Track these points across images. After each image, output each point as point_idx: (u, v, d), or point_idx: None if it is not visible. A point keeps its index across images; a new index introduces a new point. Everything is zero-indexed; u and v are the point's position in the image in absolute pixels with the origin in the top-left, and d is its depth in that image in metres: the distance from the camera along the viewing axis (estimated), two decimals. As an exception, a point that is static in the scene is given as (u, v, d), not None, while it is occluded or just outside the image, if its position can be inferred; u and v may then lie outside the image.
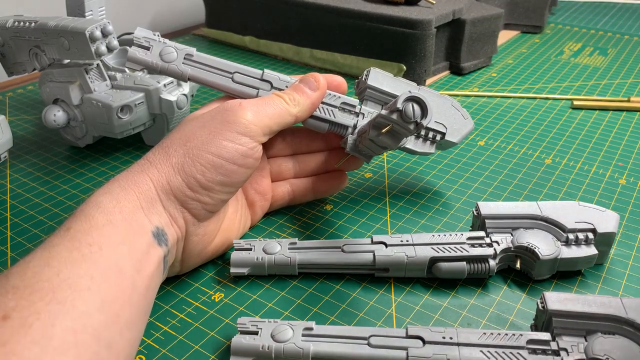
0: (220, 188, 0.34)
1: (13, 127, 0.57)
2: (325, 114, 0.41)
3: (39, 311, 0.24)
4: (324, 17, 0.70)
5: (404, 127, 0.33)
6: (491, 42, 0.72)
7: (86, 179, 0.49)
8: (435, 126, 0.43)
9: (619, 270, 0.39)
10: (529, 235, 0.37)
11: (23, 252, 0.40)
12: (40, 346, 0.23)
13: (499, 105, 0.64)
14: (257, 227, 0.43)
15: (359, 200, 0.46)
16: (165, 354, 0.32)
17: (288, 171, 0.43)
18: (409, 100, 0.32)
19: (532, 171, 0.50)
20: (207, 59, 0.40)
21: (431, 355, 0.29)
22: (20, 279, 0.25)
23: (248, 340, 0.30)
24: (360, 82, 0.42)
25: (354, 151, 0.40)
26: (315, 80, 0.39)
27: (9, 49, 0.50)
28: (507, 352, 0.29)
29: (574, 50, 0.81)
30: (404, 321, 0.35)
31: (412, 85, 0.43)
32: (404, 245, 0.37)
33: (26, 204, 0.46)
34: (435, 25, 0.64)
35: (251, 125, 0.35)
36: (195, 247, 0.35)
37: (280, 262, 0.37)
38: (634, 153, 0.54)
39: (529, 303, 0.36)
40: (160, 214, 0.32)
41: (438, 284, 0.38)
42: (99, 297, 0.26)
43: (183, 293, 0.37)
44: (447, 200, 0.46)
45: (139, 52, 0.40)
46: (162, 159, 0.34)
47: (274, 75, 0.40)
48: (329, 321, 0.35)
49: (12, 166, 0.51)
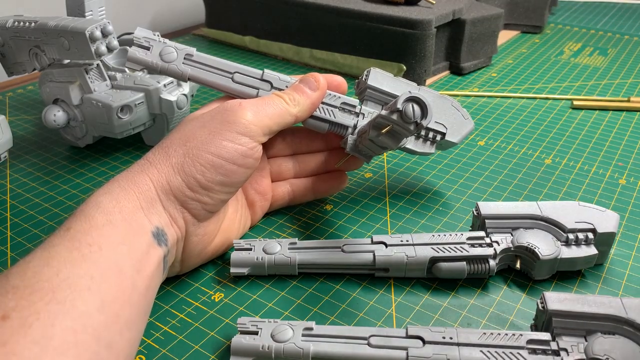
0: (220, 188, 0.34)
1: (13, 127, 0.57)
2: (325, 114, 0.41)
3: (39, 311, 0.24)
4: (324, 17, 0.70)
5: (404, 128, 0.33)
6: (491, 42, 0.72)
7: (86, 179, 0.49)
8: (435, 126, 0.43)
9: (619, 270, 0.39)
10: (529, 235, 0.37)
11: (23, 252, 0.40)
12: (40, 346, 0.23)
13: (499, 105, 0.64)
14: (257, 227, 0.43)
15: (359, 200, 0.46)
16: (165, 354, 0.32)
17: (288, 171, 0.43)
18: (409, 100, 0.32)
19: (532, 171, 0.50)
20: (207, 59, 0.40)
21: (431, 355, 0.29)
22: (20, 279, 0.25)
23: (248, 340, 0.30)
24: (361, 82, 0.42)
25: (354, 151, 0.40)
26: (315, 80, 0.39)
27: (9, 49, 0.50)
28: (507, 352, 0.29)
29: (574, 50, 0.81)
30: (404, 321, 0.35)
31: (412, 86, 0.43)
32: (404, 245, 0.37)
33: (26, 204, 0.46)
34: (435, 25, 0.64)
35: (251, 125, 0.35)
36: (195, 247, 0.35)
37: (280, 262, 0.37)
38: (634, 153, 0.54)
39: (529, 303, 0.36)
40: (160, 214, 0.32)
41: (438, 284, 0.38)
42: (98, 297, 0.26)
43: (183, 293, 0.37)
44: (447, 200, 0.46)
45: (139, 52, 0.40)
46: (162, 159, 0.34)
47: (274, 75, 0.40)
48: (329, 321, 0.35)
49: (12, 166, 0.51)
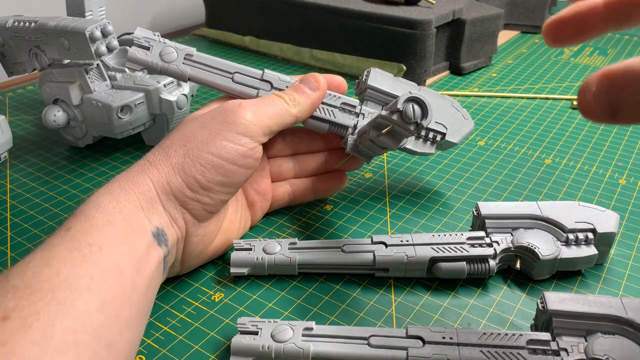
0: (220, 188, 0.34)
1: (13, 127, 0.57)
2: (325, 114, 0.41)
3: (39, 311, 0.24)
4: (324, 17, 0.70)
5: (404, 128, 0.33)
6: (491, 42, 0.72)
7: (86, 179, 0.49)
8: (435, 126, 0.43)
9: (619, 270, 0.39)
10: (529, 235, 0.37)
11: (23, 252, 0.40)
12: (40, 346, 0.23)
13: (499, 105, 0.64)
14: (257, 227, 0.43)
15: (359, 200, 0.46)
16: (165, 354, 0.32)
17: (288, 171, 0.43)
18: (409, 101, 0.32)
19: (532, 171, 0.50)
20: (207, 59, 0.40)
21: (431, 355, 0.29)
22: (20, 279, 0.25)
23: (248, 340, 0.30)
24: (361, 82, 0.42)
25: (354, 151, 0.40)
26: (315, 80, 0.39)
27: (9, 49, 0.50)
28: (507, 352, 0.29)
29: (574, 50, 0.81)
30: (404, 321, 0.35)
31: (412, 86, 0.43)
32: (404, 245, 0.37)
33: (26, 204, 0.46)
34: (435, 25, 0.64)
35: (251, 126, 0.35)
36: (195, 247, 0.35)
37: (280, 262, 0.37)
38: (634, 153, 0.54)
39: (529, 303, 0.36)
40: (160, 214, 0.32)
41: (438, 284, 0.38)
42: (98, 297, 0.26)
43: (183, 293, 0.37)
44: (447, 200, 0.46)
45: (139, 52, 0.40)
46: (162, 159, 0.34)
47: (274, 76, 0.40)
48: (329, 321, 0.35)
49: (12, 166, 0.51)
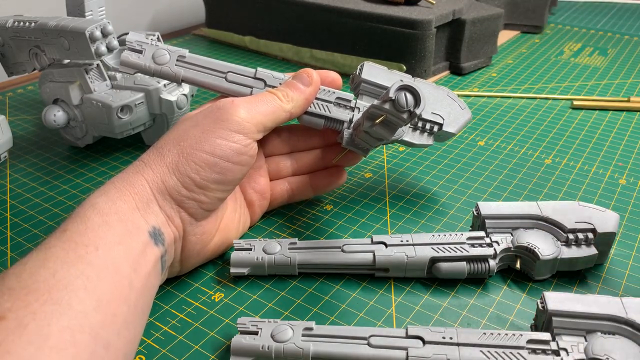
0: (215, 186, 0.34)
1: (13, 127, 0.57)
2: (320, 110, 0.40)
3: (35, 311, 0.24)
4: (324, 17, 0.70)
5: (397, 117, 0.32)
6: (491, 42, 0.72)
7: (86, 179, 0.49)
8: (432, 117, 0.42)
9: (619, 270, 0.39)
10: (529, 236, 0.37)
11: (23, 252, 0.40)
12: (36, 345, 0.23)
13: (499, 105, 0.64)
14: (257, 227, 0.43)
15: (359, 200, 0.46)
16: (165, 354, 0.32)
17: (286, 169, 0.43)
18: (401, 89, 0.32)
19: (532, 171, 0.50)
20: (199, 60, 0.40)
21: (431, 355, 0.29)
22: (17, 280, 0.25)
23: (248, 340, 0.30)
24: (355, 76, 0.42)
25: (351, 145, 0.40)
26: (308, 75, 0.39)
27: (9, 49, 0.50)
28: (507, 352, 0.29)
29: (574, 50, 0.81)
30: (404, 321, 0.35)
31: (407, 77, 0.43)
32: (404, 245, 0.37)
33: (26, 204, 0.46)
34: (435, 25, 0.64)
35: (244, 123, 0.35)
36: (194, 246, 0.35)
37: (280, 262, 0.37)
38: (634, 153, 0.53)
39: (529, 303, 0.36)
40: (156, 214, 0.32)
41: (438, 284, 0.37)
42: (95, 297, 0.26)
43: (183, 293, 0.37)
44: (447, 200, 0.46)
45: (132, 56, 0.40)
46: (156, 159, 0.34)
47: (267, 73, 0.40)
48: (329, 321, 0.35)
49: (12, 166, 0.51)
